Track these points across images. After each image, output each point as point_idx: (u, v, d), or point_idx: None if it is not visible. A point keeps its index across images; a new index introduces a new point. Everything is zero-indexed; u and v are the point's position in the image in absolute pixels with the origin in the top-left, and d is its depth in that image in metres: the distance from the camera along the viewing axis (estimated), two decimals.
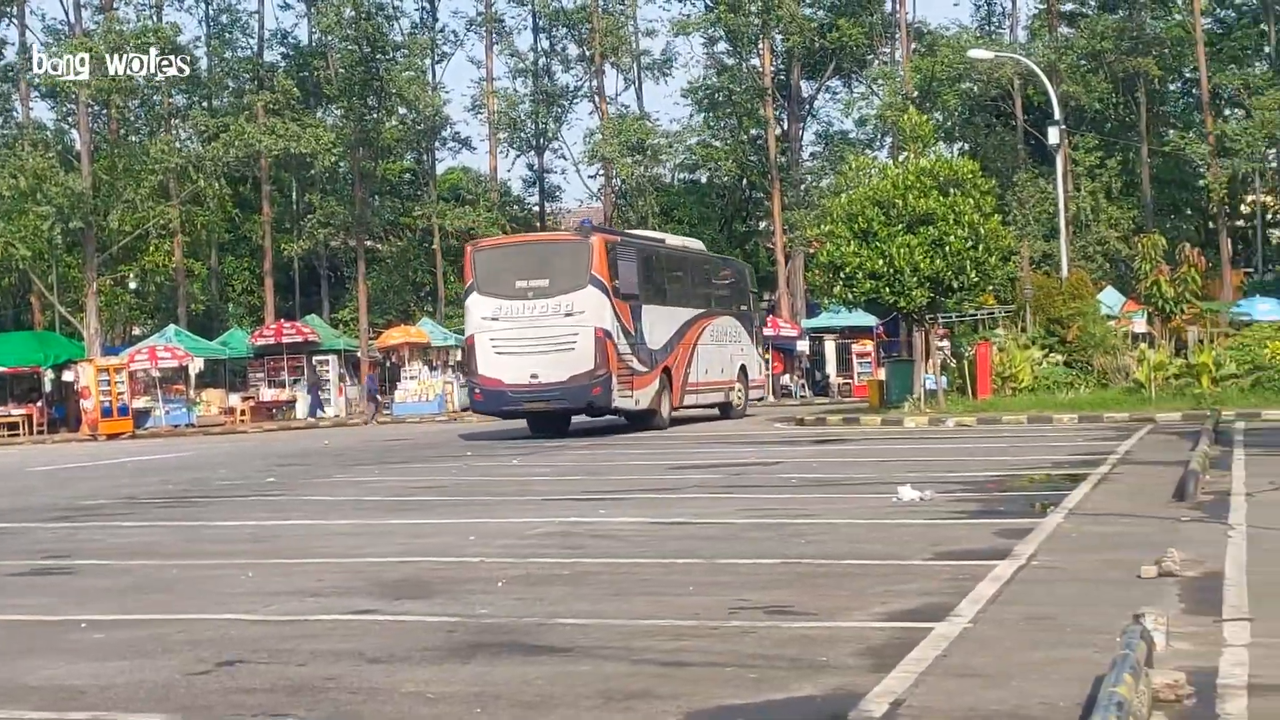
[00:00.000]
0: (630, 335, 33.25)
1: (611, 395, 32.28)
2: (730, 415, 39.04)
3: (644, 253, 35.87)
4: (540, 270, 32.80)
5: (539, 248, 35.81)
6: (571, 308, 32.03)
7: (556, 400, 32.76)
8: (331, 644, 9.12)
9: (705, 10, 63.35)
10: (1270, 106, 55.15)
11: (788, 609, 9.88)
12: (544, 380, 32.21)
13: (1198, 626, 8.73)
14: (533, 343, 32.19)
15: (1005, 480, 18.87)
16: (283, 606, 10.54)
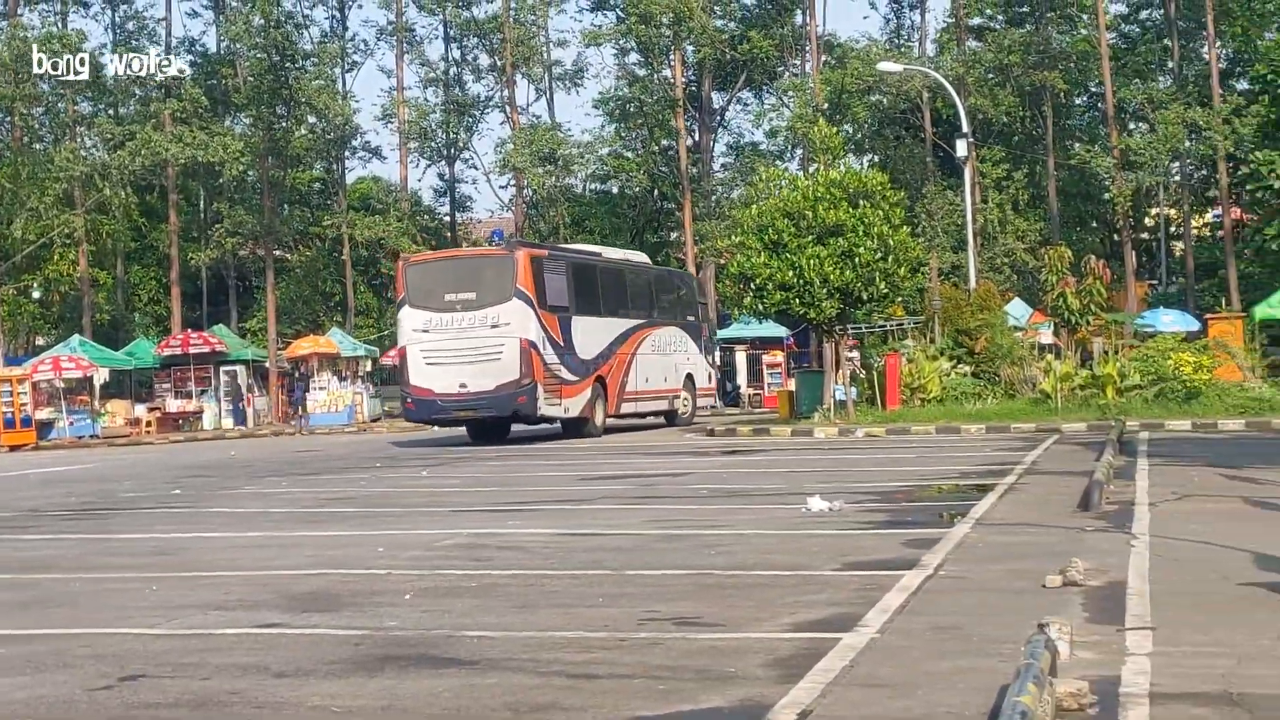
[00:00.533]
0: (559, 346, 34.32)
1: (537, 404, 33.42)
2: (676, 423, 39.81)
3: (575, 266, 36.81)
4: (468, 284, 34.04)
5: (467, 262, 37.26)
6: (498, 320, 33.28)
7: (484, 409, 33.80)
8: (237, 657, 9.01)
9: (617, 21, 63.46)
10: (1173, 121, 55.88)
11: (696, 620, 9.87)
12: (472, 390, 33.36)
13: (1101, 635, 8.81)
14: (461, 354, 33.42)
15: (914, 490, 18.99)
16: (187, 620, 10.42)
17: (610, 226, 64.65)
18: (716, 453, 28.56)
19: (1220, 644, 8.52)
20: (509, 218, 66.30)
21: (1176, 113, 56.38)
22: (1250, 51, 59.62)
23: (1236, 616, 9.35)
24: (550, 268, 34.91)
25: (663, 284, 40.73)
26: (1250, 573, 11.08)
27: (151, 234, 64.90)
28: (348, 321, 61.09)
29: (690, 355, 41.20)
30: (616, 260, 40.76)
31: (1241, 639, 8.63)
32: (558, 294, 34.77)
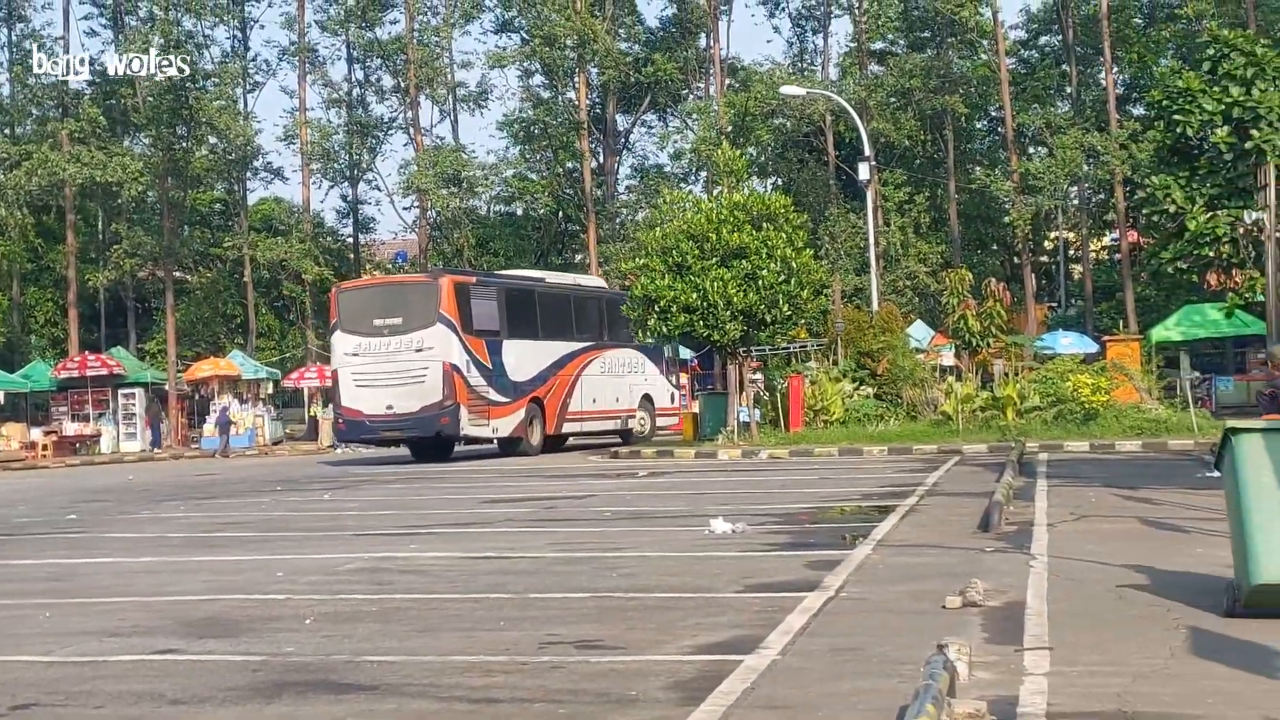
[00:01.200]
0: (486, 369, 35.53)
1: (460, 425, 34.61)
2: (630, 442, 39.99)
3: (509, 291, 38.21)
4: (395, 310, 35.46)
5: (394, 289, 38.36)
6: (422, 344, 34.59)
7: (409, 430, 35.36)
8: (132, 685, 8.88)
9: (521, 43, 63.43)
10: (1071, 145, 56.59)
11: (598, 643, 9.85)
12: (398, 411, 34.80)
13: (999, 656, 8.88)
14: (388, 376, 34.84)
15: (816, 512, 19.06)
16: (81, 647, 10.26)
17: (515, 248, 64.51)
18: (620, 475, 28.52)
19: (1115, 663, 8.61)
20: (413, 239, 66.01)
21: (1074, 137, 57.08)
22: (1146, 78, 60.59)
23: (1131, 635, 9.46)
24: (478, 294, 36.16)
25: (616, 307, 40.89)
26: (1145, 593, 11.22)
27: (48, 255, 64.01)
28: (249, 344, 60.55)
29: (648, 376, 41.85)
30: (561, 285, 41.60)
31: (1136, 657, 8.73)
32: (487, 319, 35.90)
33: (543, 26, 58.85)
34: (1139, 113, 59.92)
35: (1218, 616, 10.03)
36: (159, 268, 60.19)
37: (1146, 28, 65.06)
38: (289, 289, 61.56)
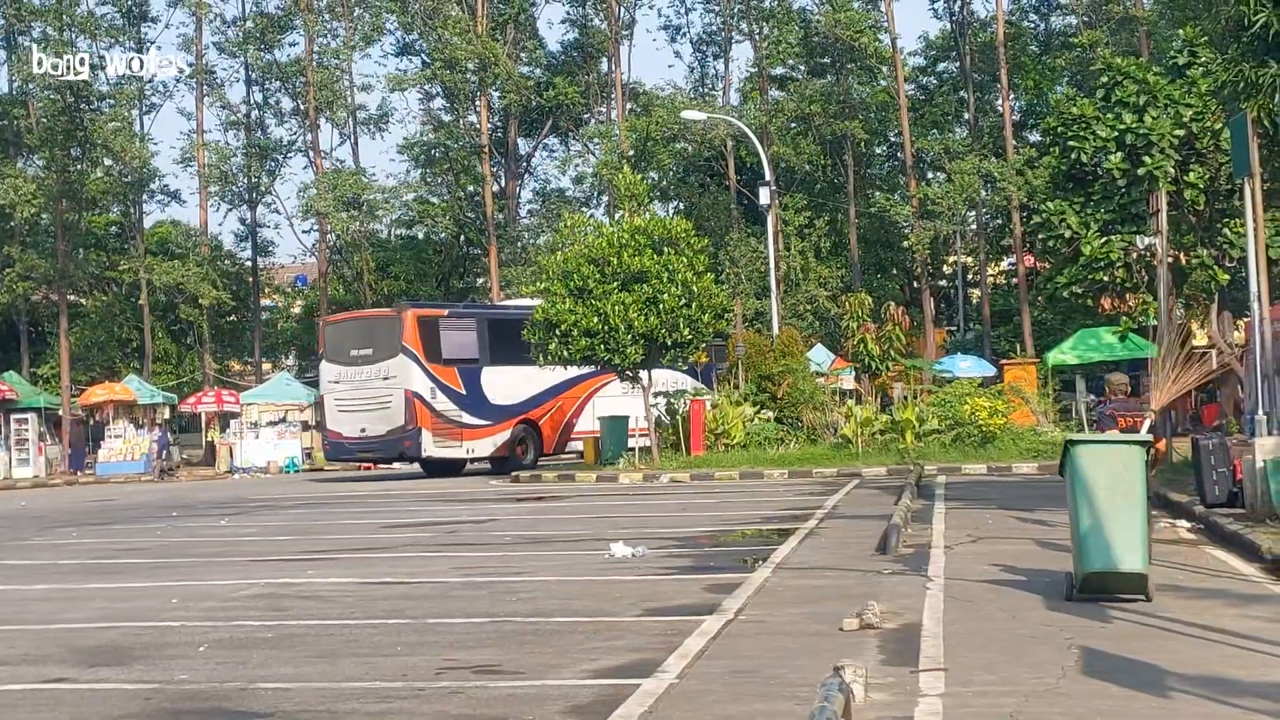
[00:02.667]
0: (460, 394, 37.95)
1: (421, 447, 37.27)
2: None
3: (491, 321, 40.52)
4: (366, 341, 38.48)
5: (365, 322, 41.13)
6: (387, 373, 37.42)
7: (378, 451, 38.75)
8: (21, 715, 8.76)
9: (422, 67, 63.23)
10: (969, 171, 57.17)
11: (496, 668, 9.83)
12: (370, 434, 37.85)
13: (895, 677, 8.95)
14: (362, 402, 37.82)
15: (716, 535, 19.09)
16: None
17: (416, 272, 64.25)
18: (521, 499, 28.48)
19: (1008, 683, 8.71)
20: (313, 263, 65.54)
21: (972, 163, 57.67)
22: (1042, 104, 61.35)
23: (1024, 655, 9.57)
24: (449, 325, 38.87)
25: None
26: (1039, 613, 11.36)
27: None
28: (145, 368, 59.75)
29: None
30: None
31: (1028, 677, 8.84)
32: (460, 348, 38.33)
33: (444, 50, 58.69)
34: (1035, 139, 60.57)
35: (1102, 628, 10.20)
36: (53, 291, 59.27)
37: (1042, 55, 65.92)
38: (186, 313, 60.79)
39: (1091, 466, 12.16)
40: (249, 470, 48.00)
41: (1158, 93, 34.02)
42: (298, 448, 49.89)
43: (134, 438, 49.82)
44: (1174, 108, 33.63)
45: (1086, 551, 11.85)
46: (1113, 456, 12.24)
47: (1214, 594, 12.13)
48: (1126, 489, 12.06)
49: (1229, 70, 18.49)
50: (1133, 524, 11.90)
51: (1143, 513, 12.04)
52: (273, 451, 49.11)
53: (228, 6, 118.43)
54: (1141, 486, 12.17)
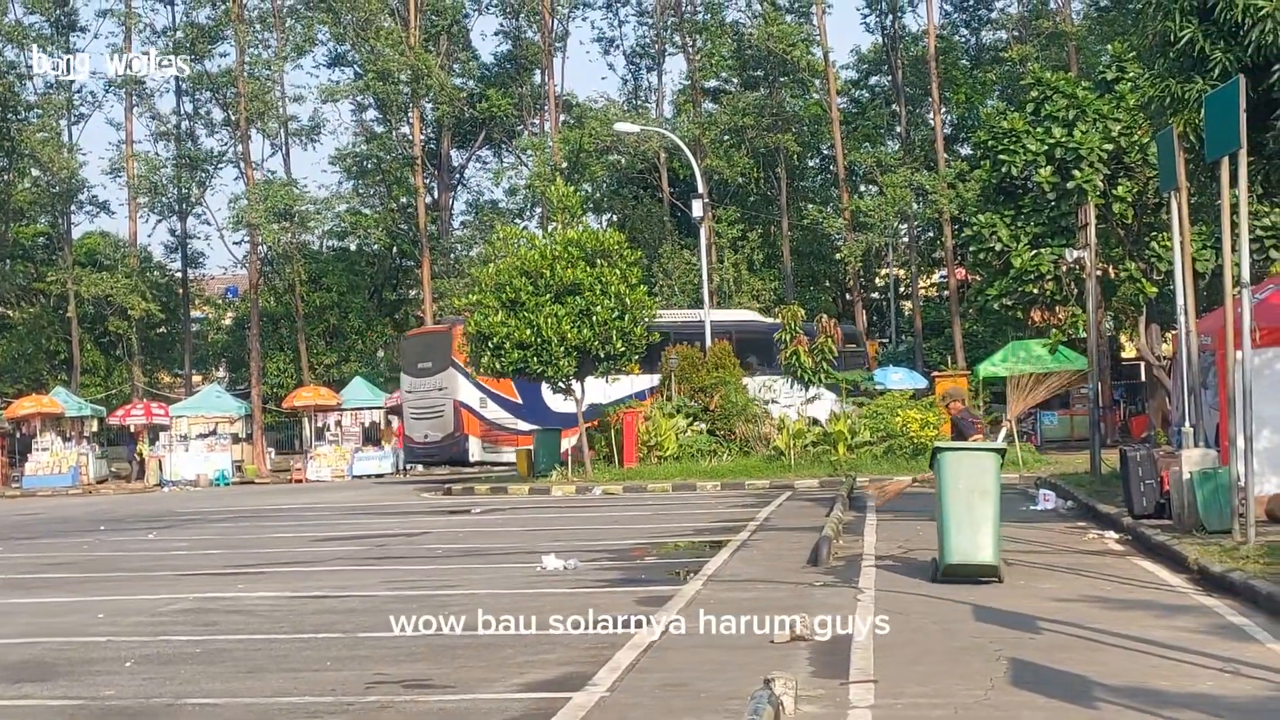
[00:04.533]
0: (514, 404, 40.74)
1: (469, 452, 40.77)
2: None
3: None
4: (427, 355, 42.27)
5: (426, 338, 45.31)
6: (441, 384, 41.05)
7: (436, 454, 42.21)
8: None
9: (354, 78, 62.94)
10: (901, 184, 57.42)
11: (427, 682, 9.78)
12: (430, 439, 41.61)
13: (825, 689, 8.96)
14: (424, 411, 41.70)
15: (648, 548, 19.10)
16: None
17: (348, 284, 63.88)
18: (453, 511, 28.39)
19: (939, 695, 8.74)
20: (243, 274, 65.06)
21: (904, 176, 57.93)
22: (972, 118, 61.75)
23: (954, 667, 9.60)
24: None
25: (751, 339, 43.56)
26: (969, 625, 11.41)
27: None
28: (73, 380, 59.18)
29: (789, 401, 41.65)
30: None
31: (958, 689, 8.87)
32: None
33: (376, 61, 58.43)
34: (966, 152, 60.98)
35: (1031, 639, 10.26)
36: None
37: (973, 70, 66.37)
38: (115, 325, 60.22)
39: (954, 471, 14.15)
40: (178, 483, 47.61)
41: (1087, 107, 34.34)
42: (228, 460, 49.57)
43: (61, 451, 49.32)
44: (1102, 122, 33.96)
45: (949, 544, 13.99)
46: (973, 462, 14.22)
47: (1141, 605, 12.23)
48: (983, 490, 14.04)
49: (1156, 85, 18.68)
50: (987, 521, 13.95)
51: (996, 511, 14.06)
52: (203, 464, 48.78)
53: (157, 16, 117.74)
54: (996, 488, 14.16)
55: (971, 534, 13.97)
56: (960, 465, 14.25)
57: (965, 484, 14.13)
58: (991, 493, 14.08)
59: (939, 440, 32.23)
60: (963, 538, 14.00)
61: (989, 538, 13.97)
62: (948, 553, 14.05)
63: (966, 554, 13.99)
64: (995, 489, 14.16)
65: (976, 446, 14.92)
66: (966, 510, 14.06)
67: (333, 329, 62.56)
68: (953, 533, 14.02)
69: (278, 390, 59.30)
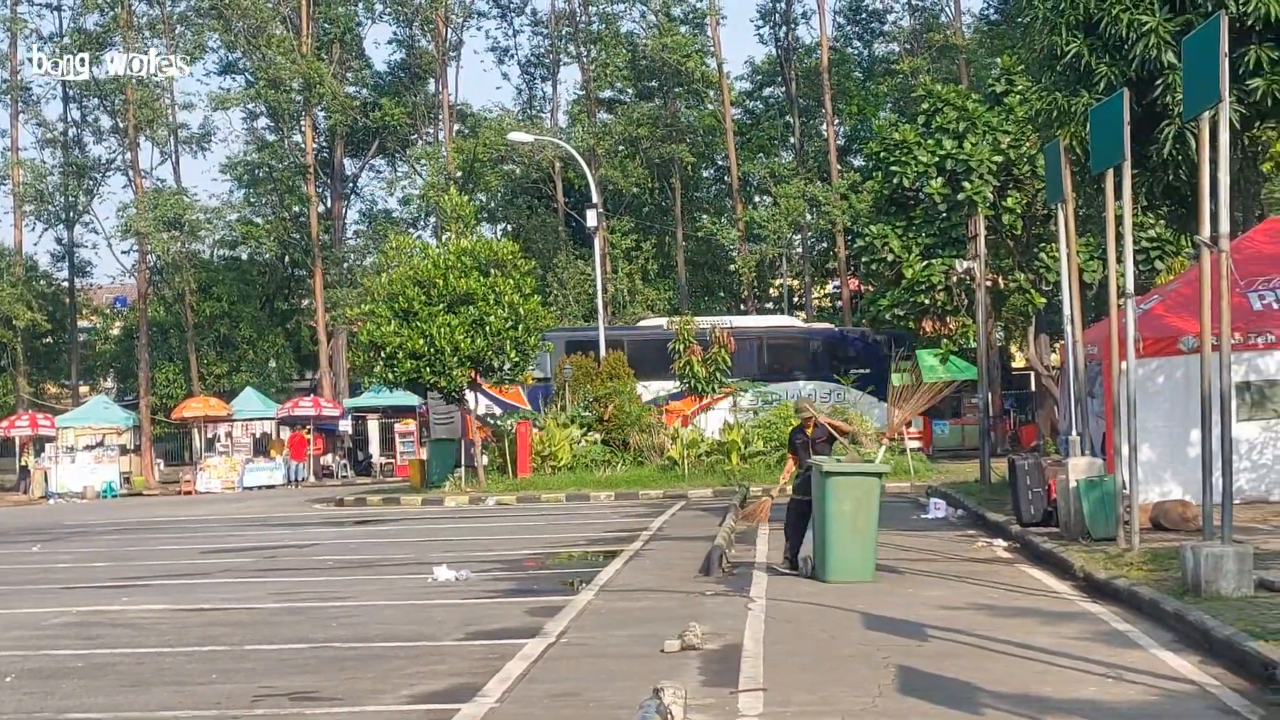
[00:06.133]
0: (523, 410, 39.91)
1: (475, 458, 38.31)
2: None
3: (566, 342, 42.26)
4: None
5: None
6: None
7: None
8: None
9: (246, 86, 62.36)
10: (794, 195, 57.76)
11: (313, 695, 9.68)
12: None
13: (715, 698, 8.96)
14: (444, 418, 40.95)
15: (541, 558, 19.05)
16: None
17: (239, 293, 63.18)
18: (345, 523, 28.16)
19: (827, 702, 8.77)
20: (131, 284, 64.19)
21: (797, 187, 58.28)
22: (865, 130, 62.21)
23: (843, 675, 9.64)
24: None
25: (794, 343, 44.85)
26: (858, 632, 11.47)
27: None
28: None
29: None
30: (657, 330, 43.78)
31: (846, 696, 8.91)
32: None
33: (268, 69, 58.00)
34: (859, 163, 61.47)
35: (919, 647, 10.33)
36: None
37: (866, 82, 66.87)
38: (0, 334, 59.24)
39: (840, 493, 14.79)
40: (65, 495, 46.89)
41: (977, 120, 34.79)
42: (116, 472, 48.89)
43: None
44: (992, 134, 34.42)
45: (831, 562, 14.75)
46: (856, 485, 14.83)
47: (1027, 612, 12.34)
48: (867, 511, 14.77)
49: (1043, 99, 18.95)
50: (869, 541, 14.80)
51: (875, 529, 14.88)
52: (90, 476, 48.03)
53: (44, 22, 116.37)
54: (876, 508, 14.88)
55: (856, 554, 14.76)
56: (847, 488, 14.81)
57: (850, 508, 14.75)
58: (874, 514, 14.89)
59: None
60: (847, 557, 14.74)
61: (871, 557, 14.85)
62: (831, 570, 14.73)
63: (850, 573, 14.65)
64: (876, 510, 14.94)
65: (862, 470, 15.26)
66: (851, 531, 14.74)
67: (223, 339, 61.80)
68: (836, 551, 14.75)
69: (167, 401, 58.47)
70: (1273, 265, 21.48)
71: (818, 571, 14.99)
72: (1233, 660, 9.63)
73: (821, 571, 14.91)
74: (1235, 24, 15.20)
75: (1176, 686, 9.10)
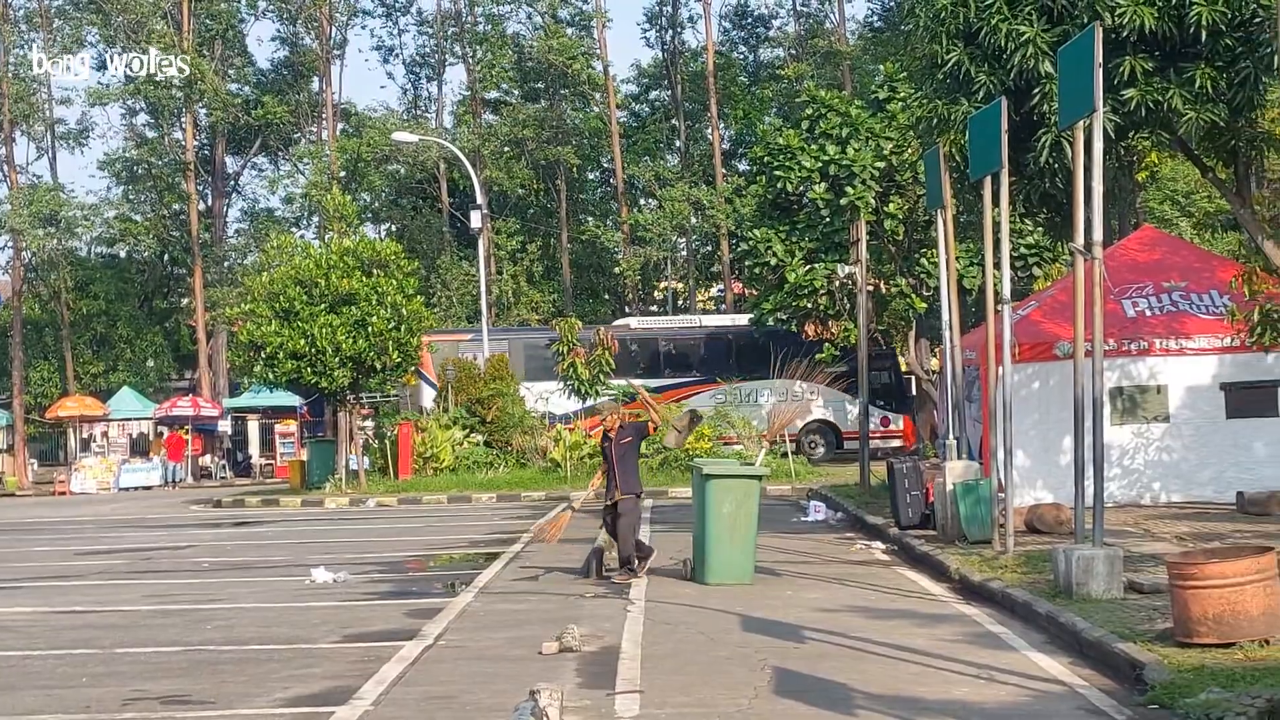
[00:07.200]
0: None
1: None
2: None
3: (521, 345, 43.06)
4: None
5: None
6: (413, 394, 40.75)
7: None
8: None
9: (125, 81, 61.45)
10: (679, 198, 57.92)
11: (185, 698, 9.57)
12: None
13: (591, 700, 8.97)
14: None
15: (421, 560, 18.96)
16: None
17: (117, 292, 62.19)
18: (223, 524, 27.85)
19: (702, 704, 8.80)
20: (5, 281, 63.04)
21: (682, 190, 58.44)
22: (750, 134, 62.48)
23: (719, 676, 9.68)
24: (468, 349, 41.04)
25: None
26: (736, 634, 11.52)
27: None
28: None
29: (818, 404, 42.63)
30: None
31: (722, 699, 8.94)
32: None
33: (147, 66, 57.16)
34: (743, 168, 61.71)
35: (796, 649, 10.40)
36: None
37: (751, 86, 67.17)
38: None
39: (719, 496, 14.89)
40: None
41: (860, 126, 35.07)
42: None
43: None
44: (875, 140, 34.71)
45: (710, 564, 14.87)
46: (736, 487, 14.97)
47: (903, 614, 12.46)
48: (747, 514, 14.89)
49: (924, 106, 19.12)
50: (748, 544, 14.94)
51: (754, 532, 15.03)
52: None
53: None
54: (756, 511, 15.02)
55: (735, 557, 14.89)
56: (727, 490, 14.94)
57: (730, 510, 14.86)
58: (754, 516, 15.04)
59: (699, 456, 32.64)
60: (726, 560, 14.88)
61: (750, 560, 15.01)
62: (711, 572, 14.90)
63: (730, 575, 14.81)
64: (756, 512, 15.09)
65: (742, 473, 15.32)
66: (730, 534, 14.88)
67: (100, 337, 60.83)
68: (716, 554, 14.89)
69: (41, 400, 57.45)
70: (1146, 273, 21.88)
71: (697, 574, 15.05)
72: (1102, 661, 9.79)
73: (701, 574, 14.99)
74: (1110, 35, 15.41)
75: (1047, 687, 9.23)
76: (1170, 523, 17.46)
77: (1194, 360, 20.65)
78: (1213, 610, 9.44)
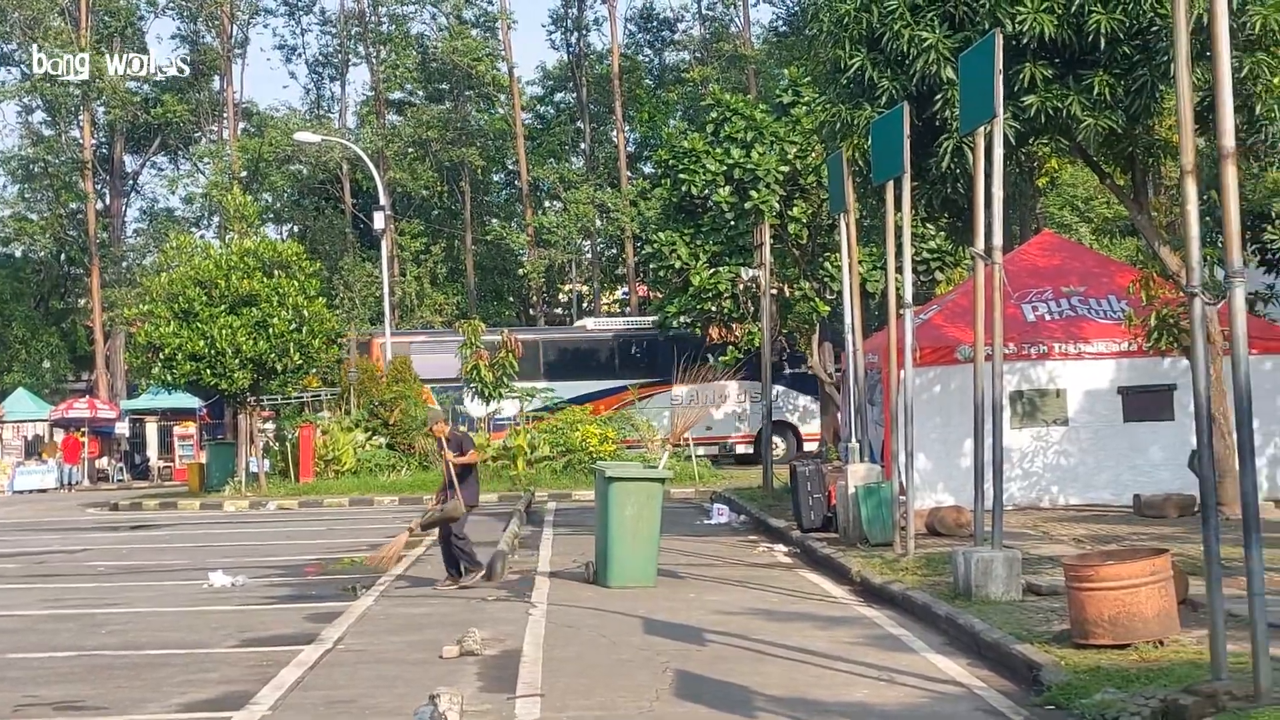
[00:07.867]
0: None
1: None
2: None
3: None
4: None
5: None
6: None
7: None
8: None
9: (21, 78, 60.58)
10: (584, 201, 57.93)
11: (79, 704, 9.42)
12: None
13: (492, 704, 8.92)
14: None
15: (322, 564, 18.77)
16: None
17: (12, 292, 61.29)
18: (119, 528, 27.47)
19: (604, 707, 8.77)
20: None
21: (587, 193, 58.45)
22: (655, 137, 62.57)
23: (621, 679, 9.66)
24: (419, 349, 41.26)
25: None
26: (638, 637, 11.51)
27: None
28: None
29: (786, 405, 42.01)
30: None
31: (623, 701, 8.92)
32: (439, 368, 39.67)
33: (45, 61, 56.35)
34: (648, 171, 61.79)
35: (697, 651, 10.39)
36: None
37: (656, 89, 67.28)
38: None
39: (622, 499, 14.96)
40: None
41: (764, 129, 35.20)
42: None
43: None
44: (779, 144, 34.85)
45: (613, 567, 14.92)
46: (639, 490, 15.04)
47: (805, 617, 12.50)
48: (649, 517, 14.99)
49: (828, 111, 19.22)
50: (650, 547, 15.04)
51: (657, 535, 15.12)
52: None
53: None
54: (658, 514, 15.10)
55: (636, 560, 14.98)
56: (629, 494, 15.02)
57: (633, 512, 14.96)
58: (656, 519, 15.10)
59: (601, 459, 32.66)
60: (628, 563, 14.96)
61: (652, 563, 15.08)
62: (613, 575, 14.94)
63: (631, 578, 14.87)
64: (658, 515, 15.15)
65: (645, 476, 15.40)
66: (632, 537, 14.96)
67: None
68: (618, 557, 14.96)
69: None
70: (1046, 278, 22.13)
71: (600, 576, 15.08)
72: (1000, 663, 9.87)
73: (603, 577, 15.00)
74: (1010, 42, 15.56)
75: (946, 689, 9.29)
76: (1069, 525, 17.68)
77: (1092, 364, 20.92)
78: (1108, 612, 9.53)
